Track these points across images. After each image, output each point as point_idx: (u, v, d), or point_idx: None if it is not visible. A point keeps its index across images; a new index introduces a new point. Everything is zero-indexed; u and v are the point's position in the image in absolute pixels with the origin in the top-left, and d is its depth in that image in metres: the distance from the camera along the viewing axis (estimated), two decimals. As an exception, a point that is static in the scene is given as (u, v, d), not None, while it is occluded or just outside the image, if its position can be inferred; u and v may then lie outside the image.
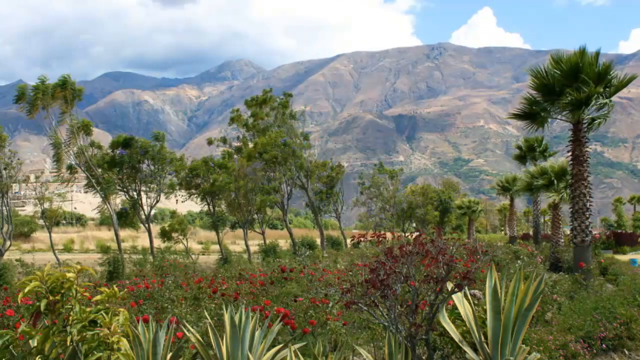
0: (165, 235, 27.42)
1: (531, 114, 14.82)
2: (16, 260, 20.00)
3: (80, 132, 23.25)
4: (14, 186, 31.05)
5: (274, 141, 28.12)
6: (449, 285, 5.07)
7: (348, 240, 32.65)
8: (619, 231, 42.61)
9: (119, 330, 3.27)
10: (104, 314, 3.30)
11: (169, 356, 4.73)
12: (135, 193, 25.86)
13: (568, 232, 18.57)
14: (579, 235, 13.97)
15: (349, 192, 45.73)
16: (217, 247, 30.17)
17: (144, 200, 26.34)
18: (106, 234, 47.01)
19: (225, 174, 26.89)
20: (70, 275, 3.26)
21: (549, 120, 15.04)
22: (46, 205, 26.36)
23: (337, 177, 33.76)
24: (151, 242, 25.88)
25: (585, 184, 13.91)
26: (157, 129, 32.04)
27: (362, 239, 13.08)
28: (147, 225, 26.34)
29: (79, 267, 3.38)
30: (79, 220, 61.78)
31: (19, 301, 4.46)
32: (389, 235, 18.62)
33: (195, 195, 28.25)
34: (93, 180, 23.35)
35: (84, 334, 3.20)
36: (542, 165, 20.44)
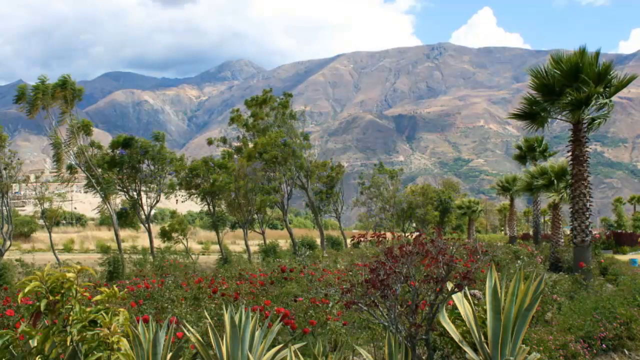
0: (165, 235, 27.42)
1: (531, 114, 14.82)
2: (16, 260, 19.98)
3: (80, 132, 23.25)
4: (14, 186, 31.09)
5: (274, 141, 28.11)
6: (449, 285, 5.07)
7: (348, 240, 32.64)
8: (619, 231, 42.61)
9: (119, 330, 3.27)
10: (104, 314, 3.29)
11: (169, 356, 4.73)
12: (135, 193, 25.85)
13: (568, 232, 18.58)
14: (579, 235, 13.97)
15: (349, 192, 45.71)
16: (217, 247, 30.16)
17: (144, 200, 26.33)
18: (106, 234, 46.99)
19: (225, 174, 26.86)
20: (70, 275, 3.26)
21: (549, 120, 15.03)
22: (46, 205, 26.36)
23: (337, 177, 33.75)
24: (151, 242, 25.88)
25: (585, 184, 13.91)
26: (157, 129, 32.02)
27: (362, 239, 13.13)
28: (147, 225, 26.34)
29: (79, 267, 3.38)
30: (79, 220, 61.78)
31: (19, 301, 4.45)
32: (389, 235, 18.66)
33: (195, 195, 28.22)
34: (93, 180, 23.34)
35: (84, 334, 3.20)
36: (542, 165, 20.41)
